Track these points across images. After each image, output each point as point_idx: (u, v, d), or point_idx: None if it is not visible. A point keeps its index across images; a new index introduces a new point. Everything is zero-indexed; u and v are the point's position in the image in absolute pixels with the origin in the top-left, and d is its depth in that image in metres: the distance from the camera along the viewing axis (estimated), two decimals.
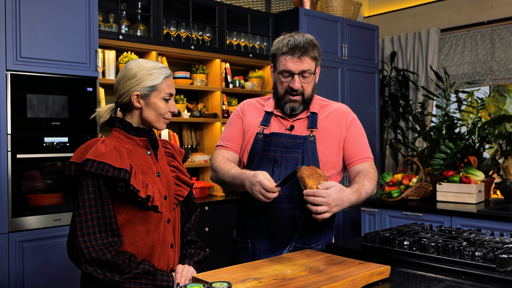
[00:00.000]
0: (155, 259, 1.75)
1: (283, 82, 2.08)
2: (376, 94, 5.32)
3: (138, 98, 1.76)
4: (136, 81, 1.75)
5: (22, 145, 3.09)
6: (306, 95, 2.08)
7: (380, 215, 4.11)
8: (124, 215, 1.71)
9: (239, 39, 4.65)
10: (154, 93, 1.76)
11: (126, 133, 1.78)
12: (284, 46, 2.04)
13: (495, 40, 5.01)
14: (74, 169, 1.67)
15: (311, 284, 1.47)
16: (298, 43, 2.03)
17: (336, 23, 4.92)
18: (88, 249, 1.59)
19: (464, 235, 2.06)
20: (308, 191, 1.82)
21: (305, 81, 2.06)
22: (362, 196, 1.95)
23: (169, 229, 1.81)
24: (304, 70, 2.03)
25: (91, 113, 3.34)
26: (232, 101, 4.79)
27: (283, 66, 2.04)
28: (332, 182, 1.85)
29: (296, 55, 2.02)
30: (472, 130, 4.36)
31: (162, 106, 1.78)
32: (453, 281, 1.61)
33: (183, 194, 1.87)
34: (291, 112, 2.10)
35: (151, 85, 1.75)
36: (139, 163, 1.75)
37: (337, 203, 1.82)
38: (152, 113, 1.77)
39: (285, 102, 2.10)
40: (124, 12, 3.98)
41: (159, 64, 1.82)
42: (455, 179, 3.97)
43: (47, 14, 3.19)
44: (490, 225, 3.39)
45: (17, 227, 3.06)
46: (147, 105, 1.77)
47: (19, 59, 3.08)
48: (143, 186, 1.69)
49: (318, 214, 1.81)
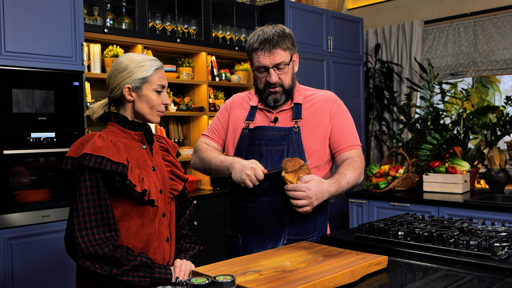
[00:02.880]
0: (151, 253, 1.75)
1: (260, 77, 2.08)
2: (361, 86, 5.35)
3: (130, 91, 1.75)
4: (127, 74, 1.74)
5: (8, 141, 3.04)
6: (286, 86, 2.08)
7: (368, 206, 4.15)
8: (121, 209, 1.70)
9: (224, 32, 4.63)
10: (146, 85, 1.75)
11: (122, 127, 1.77)
12: (254, 42, 2.04)
13: (478, 32, 5.07)
14: (70, 163, 1.66)
15: (312, 276, 1.48)
16: (267, 36, 2.02)
17: (321, 15, 4.92)
18: (85, 244, 1.58)
19: (457, 224, 2.09)
20: (289, 186, 1.87)
21: (281, 73, 2.06)
22: (342, 186, 1.97)
23: (165, 223, 1.81)
24: (278, 63, 2.03)
25: (78, 107, 3.31)
26: (219, 95, 4.77)
27: (257, 62, 2.05)
28: (311, 176, 1.88)
29: (267, 50, 2.01)
30: (457, 121, 4.41)
31: (154, 98, 1.77)
32: (449, 270, 1.63)
33: (178, 188, 1.87)
34: (274, 103, 2.10)
35: (142, 77, 1.74)
36: (135, 157, 1.74)
37: (317, 196, 1.86)
38: (144, 106, 1.76)
39: (267, 96, 2.10)
40: (109, 5, 3.93)
41: (150, 57, 1.81)
42: (441, 170, 4.02)
43: (31, 7, 3.13)
44: (476, 214, 3.44)
45: (4, 224, 3.01)
46: (139, 98, 1.76)
47: (4, 54, 3.02)
48: (139, 181, 1.69)
49: (300, 208, 1.86)
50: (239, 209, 2.13)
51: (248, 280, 1.44)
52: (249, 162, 1.96)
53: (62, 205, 3.26)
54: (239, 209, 2.13)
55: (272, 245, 2.06)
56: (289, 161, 1.91)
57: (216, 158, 2.11)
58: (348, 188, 2.02)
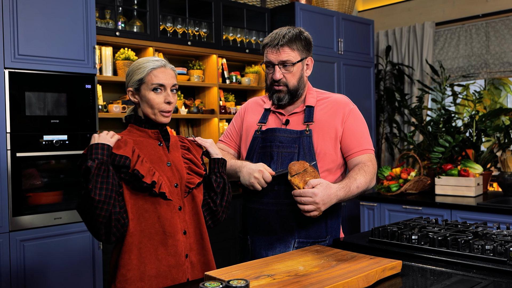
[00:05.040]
0: (169, 245, 1.79)
1: (268, 73, 2.11)
2: (371, 88, 5.33)
3: (133, 94, 1.82)
4: (129, 78, 1.84)
5: (21, 144, 3.06)
6: (290, 86, 2.07)
7: (379, 209, 4.12)
8: (138, 204, 1.77)
9: (235, 35, 4.63)
10: (143, 86, 1.80)
11: (138, 126, 1.86)
12: (267, 38, 2.09)
13: (490, 34, 5.03)
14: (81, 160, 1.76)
15: (325, 280, 1.47)
16: (279, 35, 2.05)
17: (332, 17, 4.91)
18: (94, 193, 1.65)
19: (471, 228, 2.06)
20: (295, 192, 1.87)
21: (286, 72, 2.06)
22: (352, 191, 1.95)
23: (181, 216, 1.84)
24: (283, 61, 2.04)
25: (90, 110, 3.33)
26: (229, 97, 4.77)
27: (265, 58, 2.09)
28: (318, 180, 1.87)
29: (275, 46, 2.03)
30: (469, 123, 4.38)
31: (152, 97, 1.80)
32: (464, 275, 1.61)
33: (194, 182, 1.90)
34: (278, 102, 2.10)
35: (138, 79, 1.80)
36: (148, 153, 1.82)
37: (325, 201, 1.85)
38: (145, 106, 1.82)
39: (272, 93, 2.11)
40: (120, 8, 3.94)
41: (154, 58, 1.84)
42: (454, 173, 3.99)
43: (44, 11, 3.15)
44: (489, 218, 3.41)
45: (17, 226, 3.03)
46: (141, 99, 1.82)
47: (17, 57, 3.04)
48: (149, 173, 1.75)
49: (307, 212, 1.86)
50: (248, 210, 2.13)
51: (262, 284, 1.44)
52: (256, 165, 1.97)
53: (73, 207, 3.27)
54: (248, 211, 2.13)
55: (280, 248, 2.05)
56: (294, 164, 1.91)
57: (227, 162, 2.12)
58: (358, 193, 1.99)
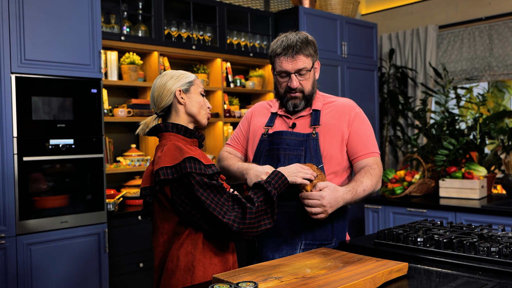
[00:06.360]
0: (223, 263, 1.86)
1: (282, 82, 2.13)
2: (375, 92, 5.34)
3: (181, 94, 1.89)
4: (175, 80, 1.91)
5: (28, 148, 3.08)
6: (306, 92, 2.11)
7: (383, 212, 4.13)
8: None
9: (239, 39, 4.66)
10: (193, 87, 1.92)
11: (182, 135, 1.89)
12: (278, 48, 2.09)
13: (493, 36, 5.04)
14: (170, 173, 1.75)
15: (333, 283, 1.48)
16: (291, 42, 2.06)
17: (335, 21, 4.93)
18: (232, 223, 1.71)
19: (476, 231, 2.07)
20: (303, 194, 1.89)
21: (302, 79, 2.09)
22: (359, 194, 1.97)
23: None
24: (299, 69, 2.07)
25: (96, 114, 3.36)
26: (234, 101, 4.79)
27: (279, 67, 2.09)
28: (325, 183, 1.90)
29: (290, 55, 2.05)
30: (473, 126, 4.39)
31: (201, 99, 1.93)
32: (470, 277, 1.62)
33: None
34: (294, 108, 2.13)
35: (189, 81, 1.92)
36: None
37: (332, 204, 1.87)
38: (194, 105, 1.91)
39: (287, 100, 2.13)
40: (125, 13, 3.97)
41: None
42: (458, 175, 4.00)
43: (50, 16, 3.18)
44: (494, 220, 3.42)
45: (24, 230, 3.05)
46: (189, 99, 1.91)
47: (24, 62, 3.06)
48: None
49: (314, 215, 1.88)
50: None
51: (270, 286, 1.45)
52: (263, 168, 1.99)
53: (80, 211, 3.29)
54: None
55: (287, 250, 2.07)
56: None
57: (234, 165, 2.15)
58: (364, 196, 2.02)
